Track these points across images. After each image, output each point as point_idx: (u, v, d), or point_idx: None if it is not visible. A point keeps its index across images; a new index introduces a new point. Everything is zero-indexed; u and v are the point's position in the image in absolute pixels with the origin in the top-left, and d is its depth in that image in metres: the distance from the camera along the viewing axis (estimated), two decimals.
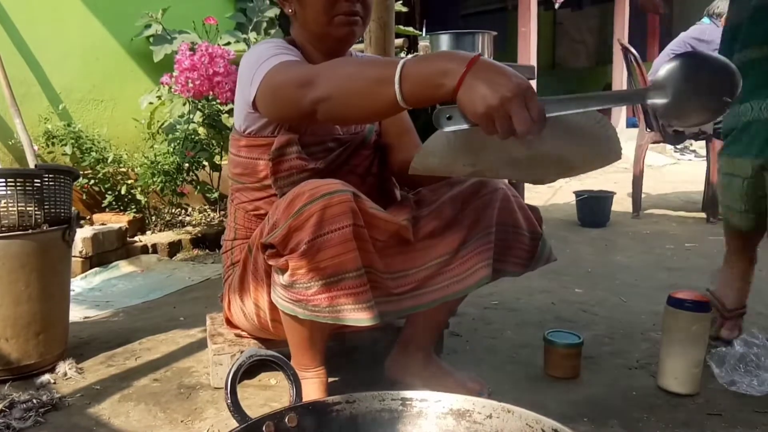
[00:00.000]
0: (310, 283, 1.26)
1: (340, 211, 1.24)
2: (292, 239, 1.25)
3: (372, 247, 1.32)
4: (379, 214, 1.34)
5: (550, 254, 1.53)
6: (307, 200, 1.25)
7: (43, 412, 1.48)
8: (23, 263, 1.63)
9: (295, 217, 1.25)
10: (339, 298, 1.26)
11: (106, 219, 3.26)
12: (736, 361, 1.63)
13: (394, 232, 1.37)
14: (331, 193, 1.25)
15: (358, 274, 1.26)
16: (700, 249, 3.29)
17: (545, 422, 0.85)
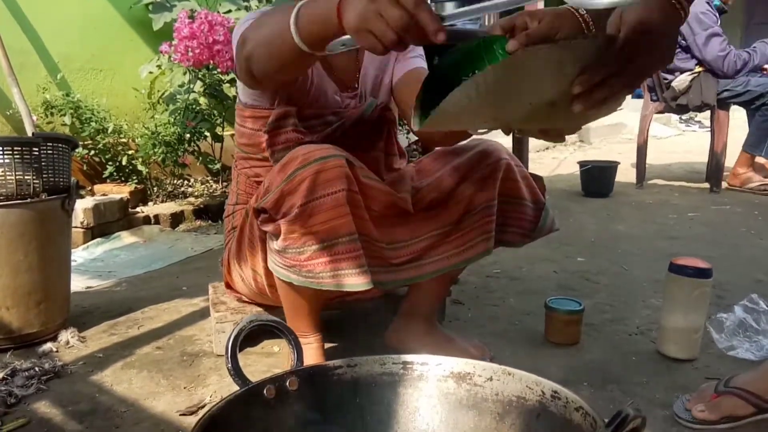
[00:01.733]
0: (303, 248, 1.25)
1: (334, 175, 1.23)
2: (285, 203, 1.25)
3: (366, 214, 1.31)
4: (373, 183, 1.32)
5: (552, 224, 1.52)
6: (300, 164, 1.24)
7: (46, 380, 1.49)
8: (22, 232, 1.63)
9: (287, 181, 1.24)
10: (332, 263, 1.26)
11: (107, 190, 3.25)
12: (736, 326, 1.64)
13: (390, 203, 1.35)
14: (325, 157, 1.24)
15: (351, 239, 1.25)
16: (702, 218, 3.28)
17: (545, 384, 0.85)
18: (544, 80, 0.83)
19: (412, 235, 1.40)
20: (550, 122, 0.96)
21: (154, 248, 2.91)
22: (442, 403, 0.94)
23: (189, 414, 1.33)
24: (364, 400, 0.95)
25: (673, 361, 1.56)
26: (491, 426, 0.88)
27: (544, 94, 0.86)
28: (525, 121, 0.96)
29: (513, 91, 0.84)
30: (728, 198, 3.80)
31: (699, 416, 1.25)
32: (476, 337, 1.66)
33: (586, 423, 0.75)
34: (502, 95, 0.84)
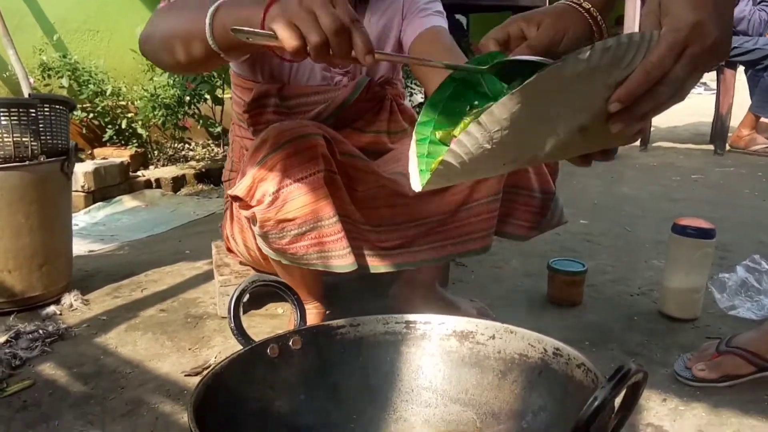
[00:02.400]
0: (282, 233, 1.21)
1: (309, 157, 1.16)
2: (257, 190, 1.19)
3: (347, 195, 1.25)
4: (355, 162, 1.25)
5: (561, 216, 1.43)
6: (271, 148, 1.16)
7: (50, 342, 1.50)
8: (22, 195, 1.62)
9: (258, 166, 1.17)
10: (315, 246, 1.21)
11: (108, 153, 3.24)
12: (738, 286, 1.64)
13: (374, 182, 1.28)
14: (298, 137, 1.16)
15: (332, 222, 1.20)
16: (706, 180, 3.27)
17: (547, 342, 0.85)
18: (569, 105, 0.65)
19: (402, 219, 1.31)
20: (584, 149, 0.78)
21: (156, 212, 2.90)
22: (445, 361, 0.94)
23: (194, 375, 1.34)
24: (367, 359, 0.95)
25: (674, 321, 1.57)
26: (493, 383, 0.89)
27: (573, 122, 0.67)
28: (551, 156, 0.76)
29: (531, 127, 0.65)
30: (732, 160, 3.77)
31: (699, 375, 1.25)
32: (479, 299, 1.67)
33: (587, 379, 0.75)
34: (518, 134, 0.65)
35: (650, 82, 0.64)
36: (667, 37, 0.64)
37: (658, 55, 0.64)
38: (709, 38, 0.65)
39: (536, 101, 0.61)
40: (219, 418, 0.75)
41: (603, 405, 0.52)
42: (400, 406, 0.94)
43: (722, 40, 0.67)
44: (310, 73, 1.40)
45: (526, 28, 0.79)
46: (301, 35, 0.74)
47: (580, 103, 0.65)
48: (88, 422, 1.18)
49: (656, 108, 0.67)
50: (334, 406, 0.92)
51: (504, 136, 0.62)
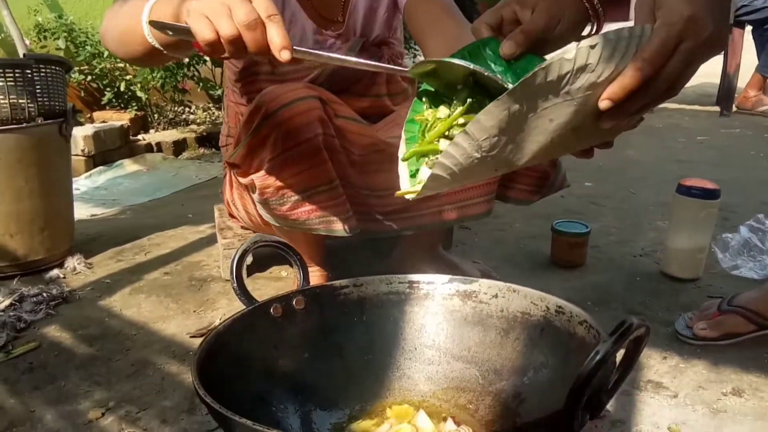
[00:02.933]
0: (282, 199, 1.19)
1: (305, 121, 1.13)
2: (255, 158, 1.17)
3: (345, 159, 1.23)
4: (353, 125, 1.23)
5: (563, 180, 1.40)
6: (265, 114, 1.13)
7: (54, 305, 1.50)
8: (20, 158, 1.61)
9: (254, 134, 1.15)
10: (316, 211, 1.20)
11: (107, 117, 3.22)
12: (741, 246, 1.64)
13: (372, 145, 1.25)
14: (293, 101, 1.13)
15: (331, 187, 1.19)
16: (711, 142, 3.25)
17: (550, 300, 0.85)
18: (558, 107, 0.62)
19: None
20: (578, 146, 0.77)
21: (158, 176, 2.90)
22: (448, 320, 0.94)
23: (199, 336, 1.35)
24: (370, 319, 0.95)
25: (677, 280, 1.57)
26: (496, 341, 0.89)
27: (564, 123, 0.64)
28: (545, 156, 0.74)
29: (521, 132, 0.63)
30: (738, 121, 3.74)
31: (700, 334, 1.26)
32: (482, 260, 1.67)
33: (589, 336, 0.76)
34: (508, 140, 0.63)
35: (642, 79, 0.62)
36: (660, 32, 0.62)
37: (651, 51, 0.61)
38: (704, 32, 0.62)
39: (523, 106, 0.59)
40: (223, 376, 0.75)
41: (605, 359, 0.52)
42: (403, 364, 0.95)
43: (718, 34, 0.64)
44: (301, 37, 1.37)
45: (520, 12, 0.76)
46: (214, 28, 0.73)
47: (569, 104, 0.63)
48: (94, 382, 1.19)
49: (649, 104, 0.66)
50: (337, 365, 0.92)
51: (494, 143, 0.61)
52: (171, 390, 1.16)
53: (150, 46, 0.90)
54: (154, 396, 1.14)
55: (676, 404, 1.08)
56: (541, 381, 0.82)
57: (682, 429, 1.00)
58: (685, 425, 1.01)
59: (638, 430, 1.00)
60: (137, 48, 0.94)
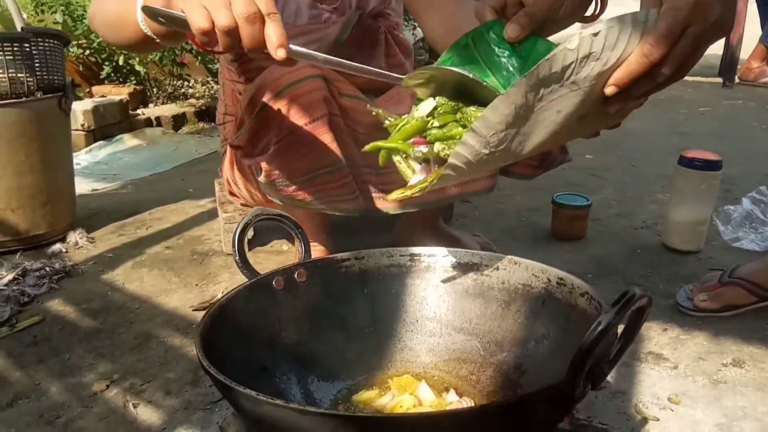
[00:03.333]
0: (289, 181, 1.18)
1: (310, 101, 1.12)
2: (260, 140, 1.15)
3: (350, 138, 1.21)
4: (357, 104, 1.21)
5: (565, 155, 1.39)
6: (269, 95, 1.12)
7: (57, 279, 1.51)
8: (21, 133, 1.61)
9: (258, 116, 1.13)
10: (322, 192, 1.19)
11: (106, 91, 3.20)
12: (743, 218, 1.64)
13: (376, 123, 1.25)
14: (297, 81, 1.11)
15: (339, 167, 1.17)
16: (714, 113, 3.23)
17: (551, 272, 0.85)
18: (564, 97, 0.62)
19: None
20: (585, 132, 0.77)
21: (158, 151, 2.89)
22: (449, 292, 0.95)
23: (201, 309, 1.36)
24: (372, 291, 0.96)
25: (678, 253, 1.57)
26: (497, 313, 0.90)
27: (571, 112, 0.64)
28: (552, 144, 0.74)
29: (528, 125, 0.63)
30: (741, 93, 3.72)
31: (701, 305, 1.26)
32: (483, 234, 1.67)
33: (590, 307, 0.76)
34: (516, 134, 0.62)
35: (648, 65, 0.61)
36: (666, 16, 0.60)
37: (657, 36, 0.60)
38: (712, 15, 0.61)
39: (528, 99, 0.58)
40: (226, 348, 0.76)
41: (607, 329, 0.53)
42: (404, 336, 0.95)
43: (726, 17, 0.63)
44: (296, 12, 1.35)
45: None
46: (211, 19, 0.71)
47: (576, 94, 0.62)
48: (98, 355, 1.20)
49: (655, 88, 0.65)
50: (339, 337, 0.93)
51: (501, 138, 0.61)
52: (175, 362, 1.17)
53: (142, 33, 0.87)
54: (157, 368, 1.15)
55: (676, 375, 1.08)
56: (542, 352, 0.83)
57: (682, 400, 1.01)
58: (685, 396, 1.02)
59: (638, 401, 1.01)
60: (129, 35, 0.92)
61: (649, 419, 0.96)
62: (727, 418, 0.97)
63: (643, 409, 0.99)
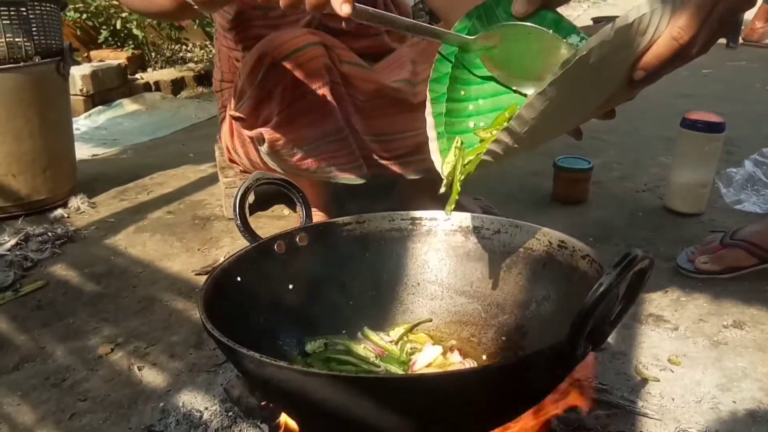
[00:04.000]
0: (293, 151, 1.18)
1: (312, 70, 1.11)
2: (262, 110, 1.14)
3: (351, 106, 1.21)
4: (357, 71, 1.20)
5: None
6: (270, 64, 1.10)
7: (60, 244, 1.51)
8: (19, 98, 1.59)
9: (259, 86, 1.12)
10: (325, 161, 1.19)
11: (104, 56, 3.16)
12: (745, 181, 1.63)
13: (376, 91, 1.22)
14: (298, 50, 1.10)
15: (342, 137, 1.17)
16: (717, 75, 3.19)
17: (552, 235, 0.85)
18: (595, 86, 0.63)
19: (410, 128, 1.26)
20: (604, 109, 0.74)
21: (158, 115, 2.87)
22: (451, 256, 0.95)
23: (204, 273, 1.37)
24: (373, 255, 0.96)
25: (679, 215, 1.57)
26: (498, 276, 0.90)
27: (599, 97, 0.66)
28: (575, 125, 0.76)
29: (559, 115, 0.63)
30: (745, 54, 3.67)
31: (702, 267, 1.27)
32: (484, 198, 1.66)
33: (592, 270, 0.76)
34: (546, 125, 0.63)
35: (678, 47, 0.60)
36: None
37: (687, 18, 0.59)
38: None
39: (563, 93, 0.58)
40: (229, 311, 0.76)
41: (608, 290, 0.53)
42: (406, 299, 0.96)
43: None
44: None
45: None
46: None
47: (605, 81, 0.63)
48: (102, 319, 1.21)
49: (680, 66, 0.64)
50: (341, 301, 0.94)
51: (532, 130, 0.61)
52: (178, 326, 1.18)
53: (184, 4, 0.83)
54: (161, 332, 1.16)
55: (676, 337, 1.09)
56: (543, 314, 0.83)
57: (682, 361, 1.02)
58: (686, 357, 1.03)
59: (638, 362, 1.02)
60: (164, 3, 0.89)
61: (649, 380, 0.98)
62: (727, 379, 0.98)
63: (643, 370, 1.00)
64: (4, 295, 1.29)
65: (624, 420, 0.89)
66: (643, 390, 0.95)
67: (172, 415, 0.93)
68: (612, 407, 0.91)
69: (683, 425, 0.88)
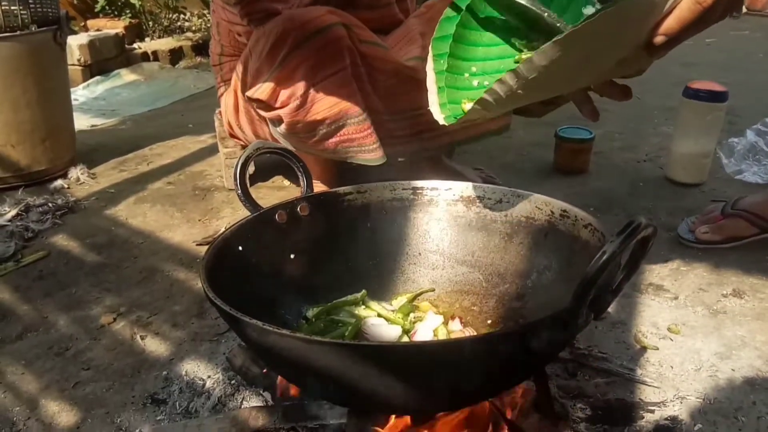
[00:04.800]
0: (312, 132, 1.18)
1: (333, 51, 1.10)
2: (282, 92, 1.13)
3: (370, 87, 1.20)
4: (376, 51, 1.19)
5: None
6: (292, 45, 1.09)
7: (60, 215, 1.51)
8: (16, 67, 1.58)
9: (280, 67, 1.11)
10: (344, 142, 1.20)
11: (101, 25, 3.13)
12: (746, 151, 1.63)
13: (394, 71, 1.23)
14: (321, 30, 1.09)
15: (362, 119, 1.17)
16: (719, 44, 3.16)
17: (554, 204, 0.85)
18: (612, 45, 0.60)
19: (420, 105, 1.27)
20: (617, 75, 0.73)
21: (156, 86, 2.85)
22: (452, 225, 0.95)
23: (205, 244, 1.37)
24: (375, 225, 0.96)
25: (680, 185, 1.57)
26: (500, 245, 0.90)
27: (612, 58, 0.63)
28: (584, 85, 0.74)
29: (569, 69, 0.61)
30: (748, 23, 3.63)
31: (702, 237, 1.27)
32: (485, 168, 1.66)
33: (594, 239, 0.76)
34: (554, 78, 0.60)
35: (701, 11, 0.58)
36: None
37: None
38: None
39: (579, 47, 0.56)
40: (230, 281, 0.76)
41: (612, 258, 0.52)
42: (408, 268, 0.96)
43: None
44: None
45: None
46: None
47: (623, 40, 0.60)
48: (104, 289, 1.21)
49: (701, 31, 0.63)
50: (343, 270, 0.94)
51: (540, 79, 0.58)
52: (180, 295, 1.18)
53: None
54: (163, 301, 1.17)
55: (676, 306, 1.10)
56: (544, 283, 0.83)
57: (681, 329, 1.03)
58: (685, 326, 1.04)
59: (638, 331, 1.03)
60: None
61: (648, 348, 0.98)
62: (726, 347, 0.98)
63: (642, 339, 1.00)
64: (6, 265, 1.30)
65: (623, 387, 0.90)
66: (643, 358, 0.96)
67: (176, 384, 0.94)
68: (611, 375, 0.92)
69: (682, 393, 0.89)
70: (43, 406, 0.92)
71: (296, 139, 1.22)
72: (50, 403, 0.92)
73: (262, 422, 0.82)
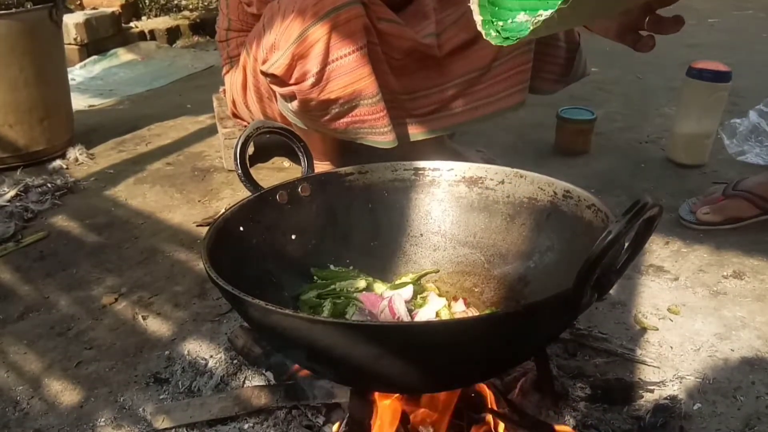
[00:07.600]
0: (325, 111, 1.17)
1: (351, 30, 1.09)
2: (297, 68, 1.13)
3: (387, 66, 1.20)
4: (393, 29, 1.18)
5: (585, 68, 1.39)
6: (310, 21, 1.08)
7: (60, 195, 1.51)
8: (13, 46, 1.56)
9: (297, 42, 1.10)
10: (356, 123, 1.19)
11: (97, 3, 3.09)
12: (749, 132, 1.62)
13: (411, 49, 1.22)
14: (338, 8, 1.08)
15: (375, 100, 1.16)
16: (723, 24, 3.14)
17: (557, 185, 0.84)
18: None
19: (436, 83, 1.27)
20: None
21: (154, 65, 2.82)
22: (454, 206, 0.94)
23: (205, 225, 1.36)
24: (376, 205, 0.95)
25: (682, 167, 1.56)
26: (502, 226, 0.90)
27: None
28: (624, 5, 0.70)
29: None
30: (751, 3, 3.60)
31: (703, 218, 1.27)
32: (486, 149, 1.65)
33: (597, 219, 0.76)
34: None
35: None
36: None
37: None
38: None
39: None
40: (231, 261, 0.76)
41: (617, 238, 0.52)
42: (409, 249, 0.96)
43: None
44: None
45: None
46: None
47: None
48: (105, 270, 1.21)
49: None
50: (344, 250, 0.93)
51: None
52: (181, 276, 1.18)
53: None
54: (164, 282, 1.17)
55: (676, 287, 1.10)
56: (546, 264, 0.83)
57: (681, 310, 1.03)
58: (685, 306, 1.04)
59: (638, 311, 1.03)
60: None
61: (648, 329, 0.99)
62: (725, 328, 0.99)
63: (642, 320, 1.01)
64: (6, 245, 1.30)
65: (622, 367, 0.91)
66: (642, 338, 0.97)
67: (178, 363, 0.94)
68: (611, 355, 0.93)
69: (681, 373, 0.89)
70: (46, 386, 0.92)
71: (307, 117, 1.22)
72: (53, 383, 0.92)
73: (264, 401, 0.83)
